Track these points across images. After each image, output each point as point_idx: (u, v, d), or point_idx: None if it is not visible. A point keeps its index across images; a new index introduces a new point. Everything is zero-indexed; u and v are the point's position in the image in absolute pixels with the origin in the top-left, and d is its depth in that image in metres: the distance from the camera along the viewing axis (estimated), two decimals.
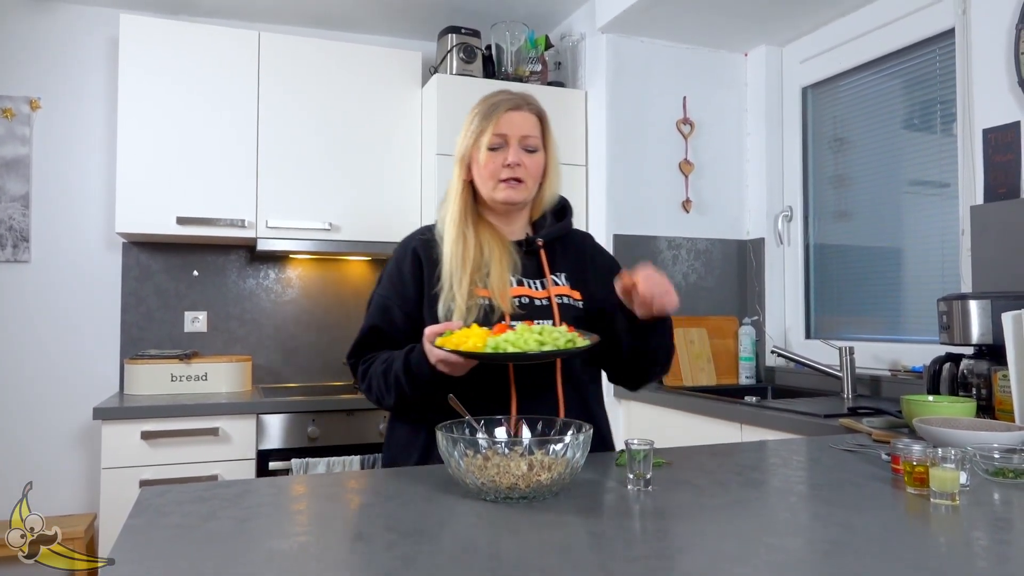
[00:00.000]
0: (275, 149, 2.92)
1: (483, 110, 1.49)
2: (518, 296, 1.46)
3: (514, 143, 1.47)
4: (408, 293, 1.48)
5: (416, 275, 1.48)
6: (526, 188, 1.49)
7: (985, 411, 1.84)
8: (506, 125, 1.46)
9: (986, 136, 2.17)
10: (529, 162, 1.48)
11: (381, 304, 1.50)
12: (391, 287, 1.50)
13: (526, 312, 1.44)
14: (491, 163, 1.46)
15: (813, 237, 3.07)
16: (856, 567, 0.81)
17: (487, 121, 1.47)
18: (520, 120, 1.48)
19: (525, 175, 1.47)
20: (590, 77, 3.11)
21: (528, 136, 1.48)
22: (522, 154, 1.47)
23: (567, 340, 1.24)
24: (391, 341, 1.47)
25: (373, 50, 3.09)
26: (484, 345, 1.21)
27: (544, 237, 1.53)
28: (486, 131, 1.46)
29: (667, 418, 2.63)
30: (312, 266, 3.30)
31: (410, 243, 1.54)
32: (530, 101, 1.52)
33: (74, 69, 3.04)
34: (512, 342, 1.21)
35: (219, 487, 1.16)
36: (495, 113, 1.47)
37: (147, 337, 3.08)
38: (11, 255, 2.94)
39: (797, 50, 3.08)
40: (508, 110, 1.47)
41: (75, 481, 2.98)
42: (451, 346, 1.22)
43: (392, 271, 1.52)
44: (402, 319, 1.47)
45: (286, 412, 2.66)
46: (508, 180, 1.46)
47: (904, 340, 2.62)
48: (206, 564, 0.83)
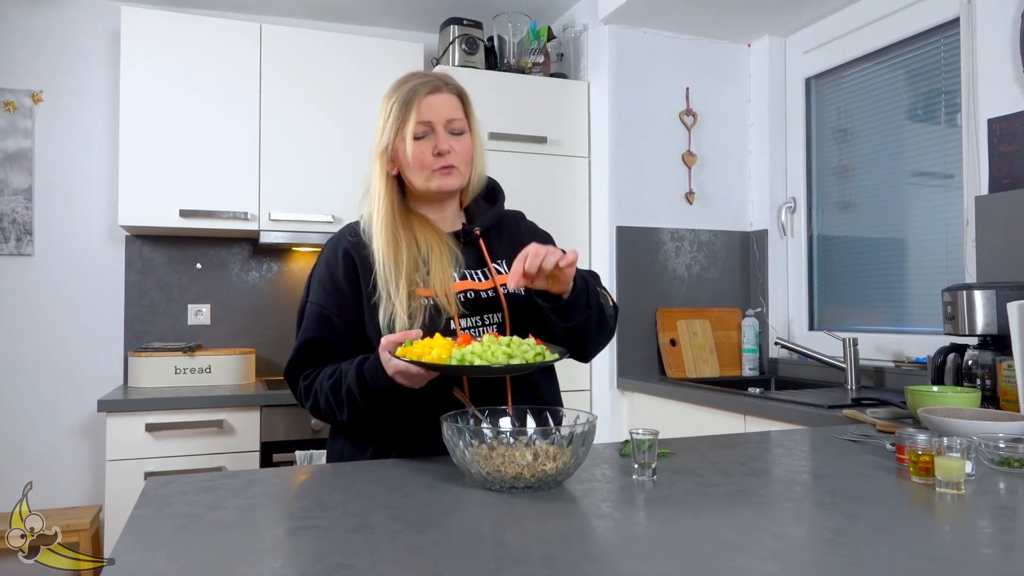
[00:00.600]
0: (277, 141, 2.92)
1: (401, 97, 1.38)
2: (463, 291, 1.38)
3: (440, 129, 1.38)
4: (345, 301, 1.38)
5: (352, 279, 1.38)
6: (460, 174, 1.41)
7: (990, 401, 1.84)
8: (428, 111, 1.37)
9: (991, 126, 2.16)
10: (458, 146, 1.40)
11: (317, 314, 1.38)
12: (324, 295, 1.39)
13: (471, 308, 1.37)
14: (419, 153, 1.37)
15: (817, 228, 3.07)
16: (861, 555, 0.81)
17: (407, 109, 1.37)
18: (442, 103, 1.39)
19: (457, 160, 1.40)
20: (593, 68, 3.10)
21: (453, 119, 1.39)
22: (450, 139, 1.39)
23: (536, 353, 1.18)
24: (332, 353, 1.37)
25: (375, 42, 3.08)
26: (449, 357, 1.15)
27: (481, 225, 1.45)
28: (408, 119, 1.36)
29: (670, 410, 2.63)
30: (315, 259, 3.29)
31: (339, 244, 1.43)
32: (448, 81, 1.43)
33: (76, 62, 3.04)
34: (479, 354, 1.15)
35: (224, 477, 1.17)
36: (415, 99, 1.37)
37: (151, 330, 3.09)
38: (15, 248, 2.95)
39: (801, 41, 3.07)
40: (428, 94, 1.38)
41: (80, 473, 2.99)
42: (413, 357, 1.15)
43: (324, 277, 1.41)
44: (342, 328, 1.37)
45: (290, 405, 2.66)
46: (440, 168, 1.38)
47: (908, 331, 2.62)
48: (212, 553, 0.83)
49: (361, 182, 1.46)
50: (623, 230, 2.98)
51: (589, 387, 3.04)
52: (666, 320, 2.99)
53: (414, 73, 1.46)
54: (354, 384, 1.27)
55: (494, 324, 1.40)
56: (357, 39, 3.06)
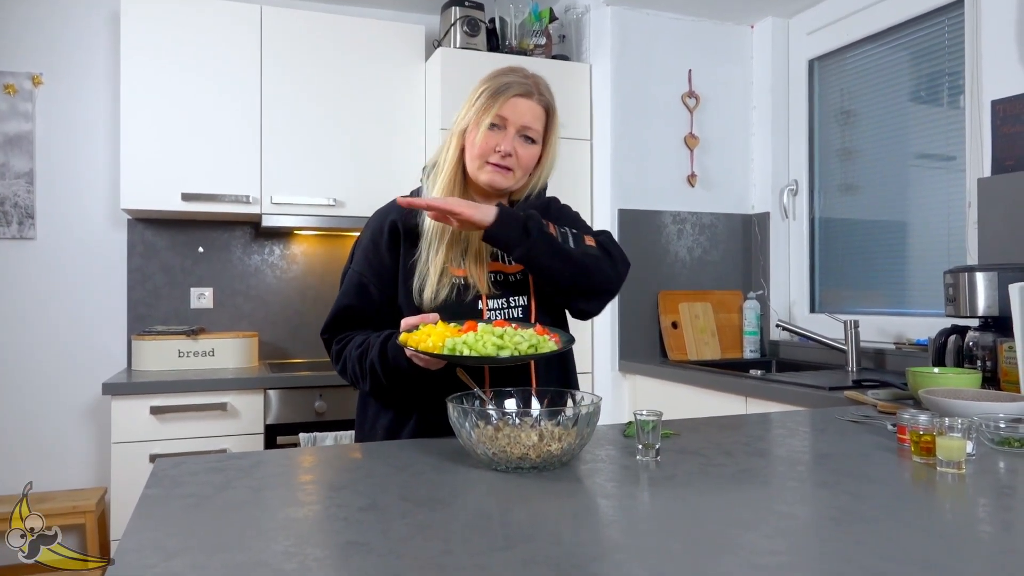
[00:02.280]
0: (279, 124, 2.91)
1: (492, 88, 1.42)
2: (493, 272, 1.44)
3: (512, 129, 1.42)
4: (384, 270, 1.45)
5: (392, 249, 1.45)
6: (512, 176, 1.44)
7: (990, 383, 1.85)
8: (510, 110, 1.41)
9: (994, 108, 2.16)
10: (523, 152, 1.43)
11: (356, 281, 1.46)
12: (366, 263, 1.46)
13: (500, 289, 1.43)
14: (484, 143, 1.41)
15: (819, 211, 3.07)
16: (865, 533, 0.82)
17: (493, 101, 1.41)
18: (526, 108, 1.42)
19: (515, 164, 1.43)
20: (594, 50, 3.09)
21: (529, 127, 1.43)
22: (518, 142, 1.42)
23: (530, 345, 1.19)
24: (366, 319, 1.45)
25: (376, 24, 3.07)
26: (442, 346, 1.17)
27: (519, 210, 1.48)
28: (490, 110, 1.40)
29: (672, 392, 2.65)
30: (317, 242, 3.30)
31: (388, 215, 1.48)
32: (542, 91, 1.46)
33: (76, 45, 3.02)
34: (470, 345, 1.17)
35: (233, 458, 1.18)
36: (503, 95, 1.41)
37: (154, 314, 3.09)
38: (17, 232, 2.95)
39: (804, 22, 3.05)
40: (517, 95, 1.42)
41: (86, 456, 3.01)
42: (412, 343, 1.20)
43: (367, 245, 1.48)
44: (378, 296, 1.44)
45: (293, 387, 2.68)
46: (496, 164, 1.42)
47: (909, 313, 2.63)
48: (224, 532, 0.84)
49: (431, 155, 1.52)
50: (625, 213, 2.98)
51: (591, 370, 3.05)
52: (668, 303, 3.00)
53: (515, 69, 1.47)
54: (376, 360, 1.36)
55: (519, 307, 1.44)
56: (358, 21, 3.04)
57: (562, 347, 1.23)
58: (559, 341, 1.24)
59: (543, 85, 1.48)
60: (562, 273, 1.38)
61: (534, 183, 1.52)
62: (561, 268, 1.38)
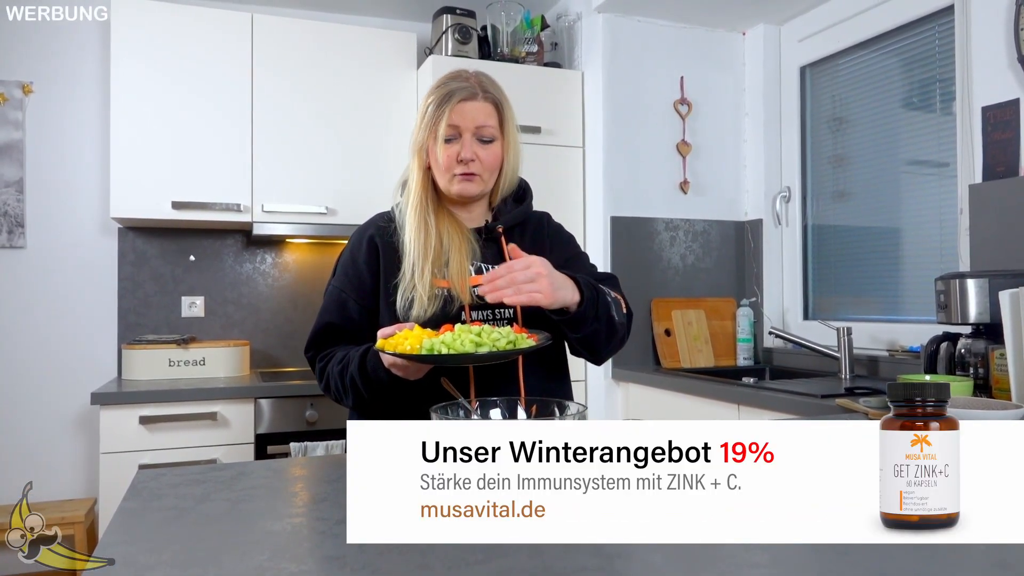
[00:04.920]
0: (270, 132, 2.90)
1: (437, 99, 1.41)
2: (477, 284, 1.40)
3: (468, 135, 1.40)
4: (364, 285, 1.45)
5: (372, 265, 1.45)
6: (481, 181, 1.43)
7: (982, 390, 1.84)
8: (459, 116, 1.39)
9: (985, 114, 2.16)
10: (484, 154, 1.41)
11: (336, 297, 1.46)
12: (346, 279, 1.46)
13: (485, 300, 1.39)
14: (446, 156, 1.40)
15: (811, 218, 3.06)
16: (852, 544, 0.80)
17: (441, 112, 1.39)
18: (474, 110, 1.40)
19: (479, 169, 1.41)
20: (586, 57, 3.09)
21: (483, 126, 1.41)
22: (476, 146, 1.41)
23: (508, 341, 1.18)
24: (347, 335, 1.45)
25: (367, 31, 3.07)
26: (420, 347, 1.17)
27: (504, 224, 1.48)
28: (440, 121, 1.39)
29: (665, 400, 2.63)
30: (309, 250, 3.29)
31: (366, 231, 1.49)
32: (486, 89, 1.44)
33: (66, 53, 3.01)
34: (447, 343, 1.16)
35: (214, 470, 1.16)
36: (448, 103, 1.39)
37: (144, 322, 3.08)
38: (6, 241, 2.93)
39: (795, 29, 3.05)
40: (462, 100, 1.40)
41: (74, 466, 2.98)
42: (389, 348, 1.19)
43: (347, 261, 1.48)
44: (358, 312, 1.44)
45: (284, 396, 2.66)
46: (462, 175, 1.41)
47: (902, 320, 2.62)
48: (199, 546, 0.83)
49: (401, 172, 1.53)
50: (618, 220, 2.97)
51: (584, 378, 3.04)
52: (661, 310, 2.99)
53: (457, 74, 1.46)
54: (356, 373, 1.34)
55: (505, 319, 1.42)
56: (349, 29, 3.05)
57: (540, 343, 1.23)
58: (537, 339, 1.23)
59: (487, 82, 1.45)
60: (598, 336, 1.39)
61: (506, 181, 1.50)
62: (604, 334, 1.39)
